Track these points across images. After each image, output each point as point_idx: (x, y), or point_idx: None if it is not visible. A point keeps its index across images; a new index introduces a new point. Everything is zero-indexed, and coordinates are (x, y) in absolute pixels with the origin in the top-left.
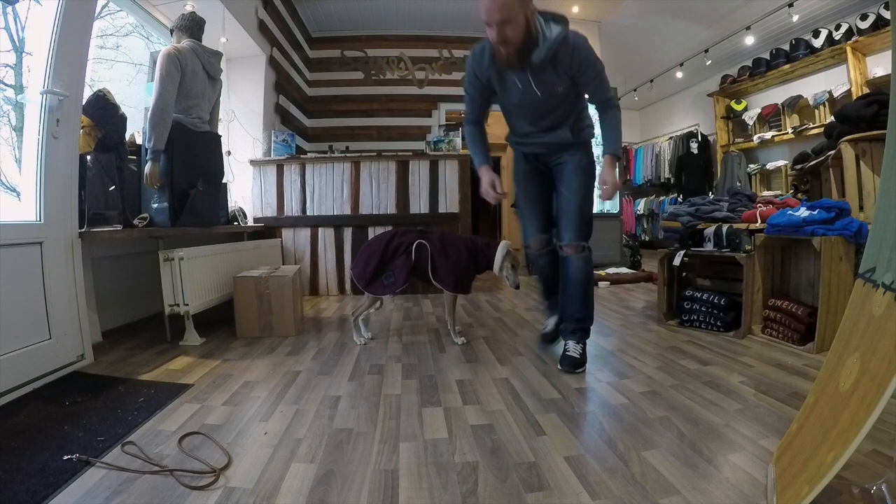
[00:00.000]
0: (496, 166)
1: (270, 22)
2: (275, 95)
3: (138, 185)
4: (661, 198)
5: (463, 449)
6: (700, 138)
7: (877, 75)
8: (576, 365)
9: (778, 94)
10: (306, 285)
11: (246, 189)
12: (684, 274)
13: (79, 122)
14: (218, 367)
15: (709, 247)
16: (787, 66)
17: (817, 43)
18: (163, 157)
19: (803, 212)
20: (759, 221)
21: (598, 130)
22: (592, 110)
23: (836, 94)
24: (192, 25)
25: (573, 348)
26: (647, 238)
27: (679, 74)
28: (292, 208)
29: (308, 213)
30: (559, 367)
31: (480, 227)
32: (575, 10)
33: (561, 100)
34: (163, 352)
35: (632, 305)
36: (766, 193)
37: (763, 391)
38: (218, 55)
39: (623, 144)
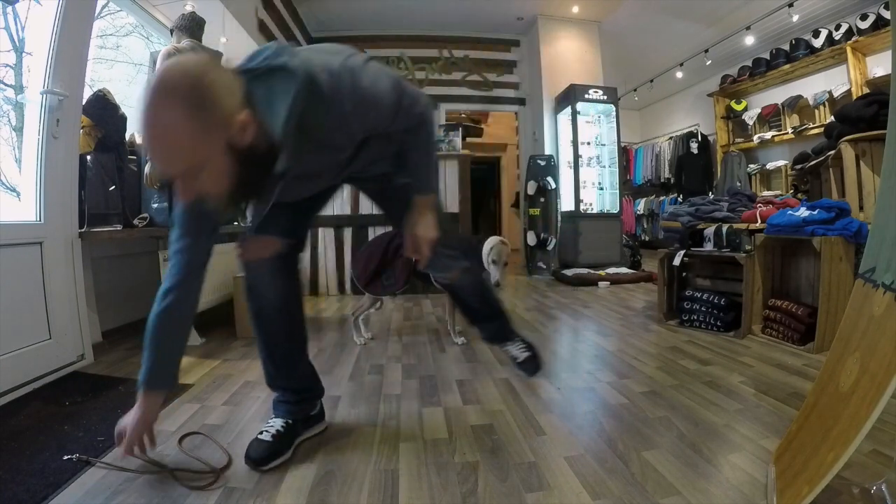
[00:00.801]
0: (496, 167)
1: (270, 22)
2: None
3: (138, 185)
4: (661, 198)
5: (463, 449)
6: (700, 138)
7: (877, 75)
8: (534, 364)
9: (778, 94)
10: (306, 285)
11: None
12: (684, 274)
13: (79, 122)
14: (218, 367)
15: (709, 247)
16: (787, 66)
17: (817, 43)
18: None
19: (803, 212)
20: (759, 221)
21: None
22: None
23: (836, 94)
24: (192, 25)
25: (515, 351)
26: (647, 238)
27: (679, 74)
28: None
29: None
30: (526, 376)
31: (481, 227)
32: (575, 10)
33: (359, 151)
34: None
35: (632, 305)
36: (766, 193)
37: (763, 391)
38: (218, 55)
39: (623, 144)
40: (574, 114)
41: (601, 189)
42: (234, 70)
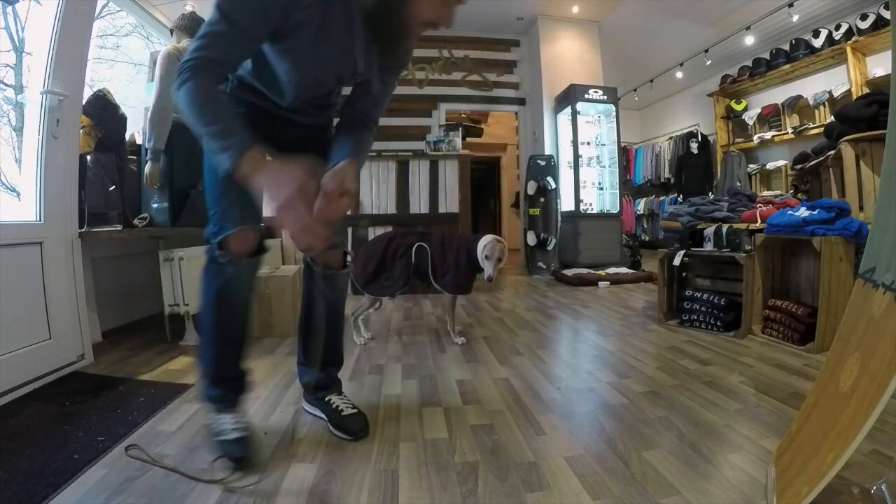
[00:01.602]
0: (496, 167)
1: None
2: None
3: (138, 185)
4: (661, 198)
5: (463, 449)
6: (700, 138)
7: (877, 75)
8: (364, 423)
9: (778, 94)
10: None
11: None
12: (684, 274)
13: (79, 122)
14: None
15: (709, 247)
16: (787, 66)
17: (817, 43)
18: (163, 156)
19: (803, 212)
20: (759, 221)
21: None
22: None
23: (836, 94)
24: (192, 25)
25: (344, 403)
26: (647, 238)
27: (679, 74)
28: None
29: None
30: (346, 436)
31: (480, 227)
32: (575, 10)
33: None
34: (163, 352)
35: (632, 305)
36: (766, 193)
37: (763, 391)
38: None
39: (623, 144)
40: (574, 114)
41: (601, 189)
42: None
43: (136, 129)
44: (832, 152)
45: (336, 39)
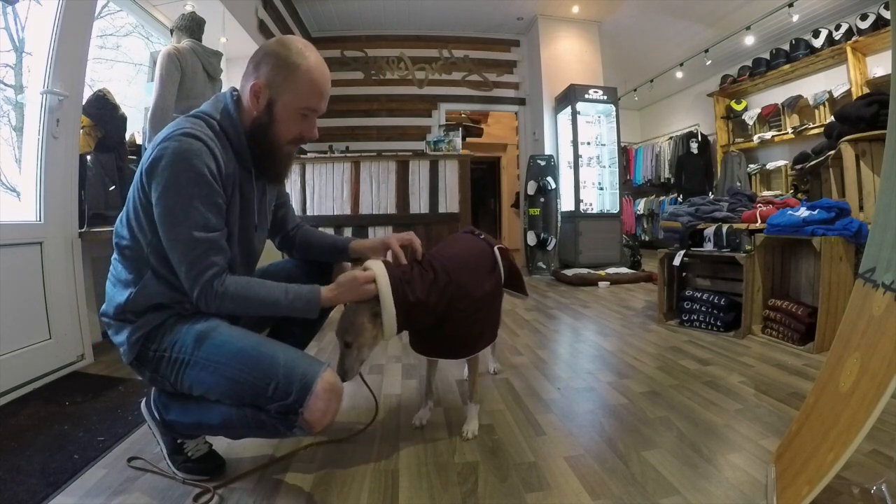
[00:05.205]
0: (496, 167)
1: (270, 22)
2: None
3: None
4: (661, 198)
5: (463, 449)
6: (700, 138)
7: (877, 75)
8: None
9: (778, 94)
10: None
11: None
12: (684, 274)
13: (79, 122)
14: None
15: (709, 247)
16: (787, 66)
17: (817, 43)
18: None
19: (803, 212)
20: (759, 221)
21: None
22: None
23: (836, 94)
24: (192, 25)
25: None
26: (647, 238)
27: (679, 74)
28: None
29: (308, 212)
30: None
31: (480, 227)
32: (575, 10)
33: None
34: None
35: (632, 305)
36: (766, 193)
37: (763, 391)
38: (218, 55)
39: (623, 144)
40: (574, 114)
41: (601, 189)
42: None
43: (136, 129)
44: (832, 152)
45: (250, 200)
